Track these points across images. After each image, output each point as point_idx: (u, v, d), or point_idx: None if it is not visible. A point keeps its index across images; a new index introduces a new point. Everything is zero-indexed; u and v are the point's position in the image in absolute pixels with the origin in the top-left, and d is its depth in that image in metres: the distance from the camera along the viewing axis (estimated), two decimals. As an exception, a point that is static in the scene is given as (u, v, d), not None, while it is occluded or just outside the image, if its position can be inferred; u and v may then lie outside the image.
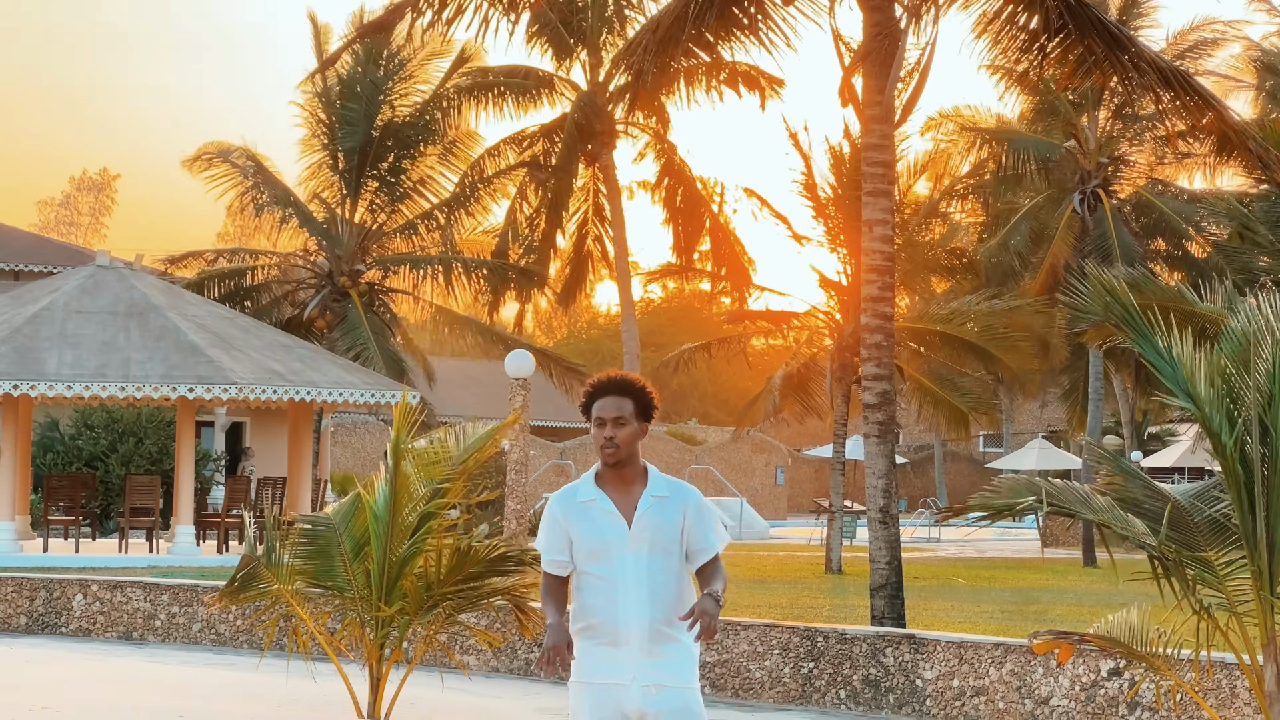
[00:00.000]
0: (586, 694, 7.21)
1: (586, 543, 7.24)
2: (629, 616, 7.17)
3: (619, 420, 7.28)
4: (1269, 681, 10.47)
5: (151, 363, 30.62)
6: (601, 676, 7.18)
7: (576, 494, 7.36)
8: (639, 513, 7.23)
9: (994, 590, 28.92)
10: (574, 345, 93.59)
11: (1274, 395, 10.30)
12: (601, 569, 7.21)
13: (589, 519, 7.26)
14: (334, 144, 41.44)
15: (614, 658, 7.17)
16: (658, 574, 7.21)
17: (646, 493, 7.29)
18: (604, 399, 7.34)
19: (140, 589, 22.05)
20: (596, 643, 7.22)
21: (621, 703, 7.16)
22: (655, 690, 7.15)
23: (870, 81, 20.53)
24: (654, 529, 7.23)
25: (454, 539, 13.96)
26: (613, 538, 7.22)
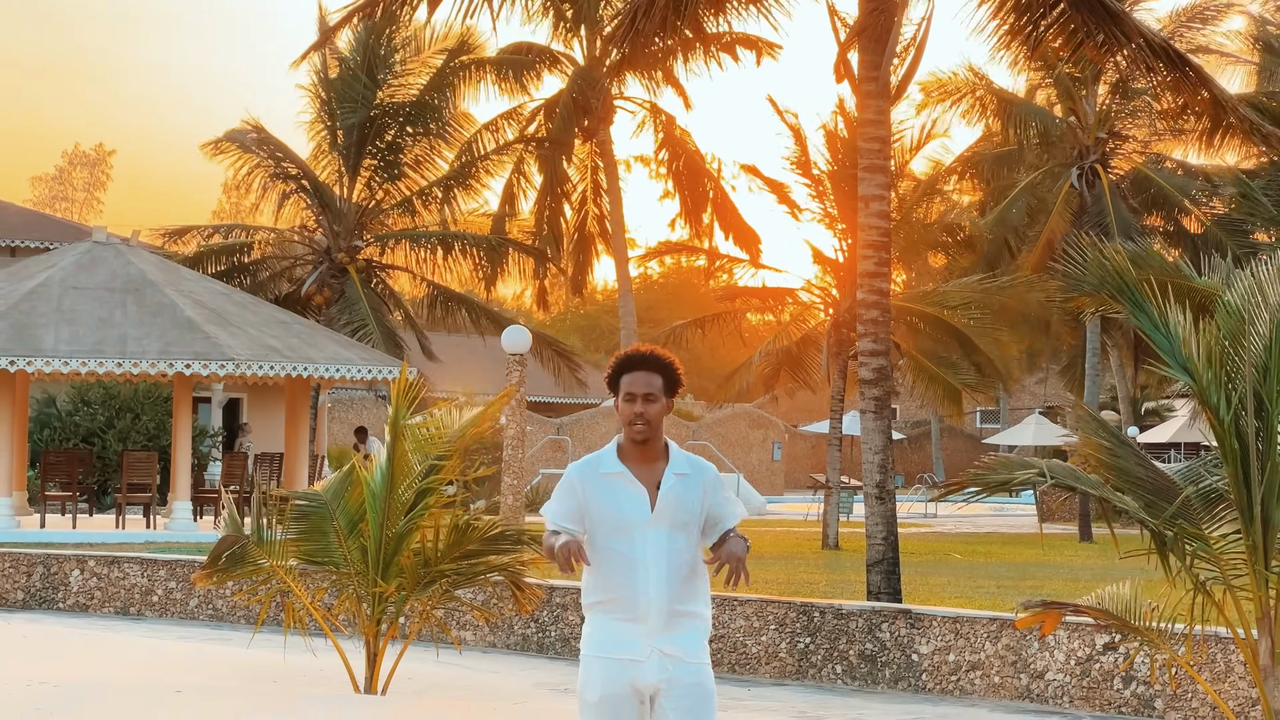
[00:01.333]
0: (599, 668, 7.11)
1: (607, 516, 7.13)
2: (649, 593, 7.06)
3: (649, 397, 7.15)
4: (1263, 656, 10.49)
5: (148, 339, 30.60)
6: (616, 652, 7.09)
7: (599, 466, 7.20)
8: (663, 490, 7.12)
9: (990, 565, 28.95)
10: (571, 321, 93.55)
11: (1269, 369, 10.31)
12: (621, 544, 7.09)
13: (611, 493, 7.13)
14: (333, 121, 41.41)
15: (630, 633, 7.08)
16: (677, 551, 7.11)
17: (669, 470, 7.18)
18: (634, 374, 7.18)
19: (137, 564, 22.08)
20: (613, 618, 7.12)
21: (635, 678, 7.07)
22: (670, 663, 7.07)
23: (866, 57, 20.50)
24: (676, 506, 7.13)
25: (452, 516, 13.98)
26: (635, 514, 7.10)
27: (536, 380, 57.94)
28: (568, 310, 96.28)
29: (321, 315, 40.22)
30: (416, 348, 43.11)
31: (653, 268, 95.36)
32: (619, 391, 7.18)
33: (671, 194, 44.34)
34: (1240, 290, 10.62)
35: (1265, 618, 10.48)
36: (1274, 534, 10.37)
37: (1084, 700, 15.55)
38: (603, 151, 43.45)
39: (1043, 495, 47.96)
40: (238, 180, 42.00)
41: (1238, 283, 10.72)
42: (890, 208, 21.40)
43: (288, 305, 39.03)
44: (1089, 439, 11.02)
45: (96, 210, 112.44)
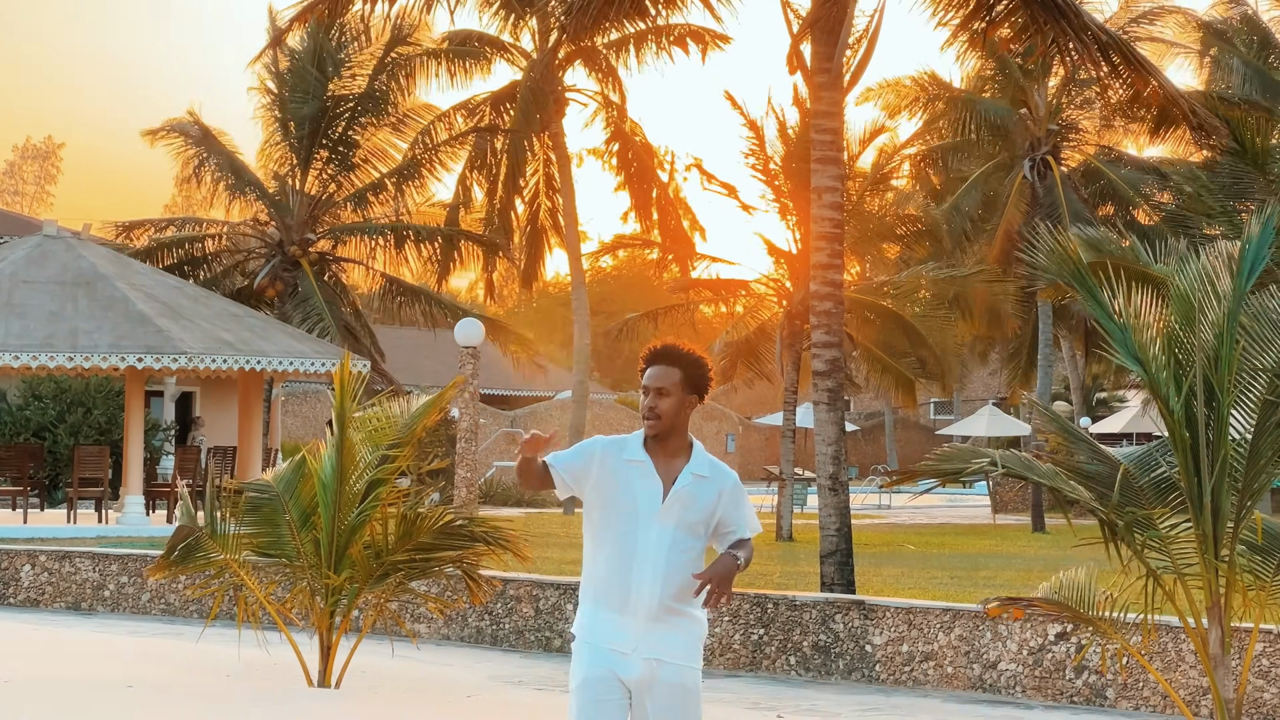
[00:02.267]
0: (585, 652, 7.08)
1: (618, 501, 7.08)
2: (642, 587, 7.01)
3: (662, 391, 7.10)
4: (1213, 644, 10.53)
5: (100, 332, 30.46)
6: (604, 640, 7.06)
7: (625, 450, 7.14)
8: (676, 487, 7.07)
9: (944, 556, 29.03)
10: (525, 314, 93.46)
11: (1220, 357, 10.35)
12: (624, 533, 7.05)
13: (628, 478, 7.07)
14: (285, 114, 41.26)
15: (619, 624, 7.04)
16: (679, 550, 7.05)
17: (687, 469, 7.12)
18: (653, 367, 7.15)
19: (89, 559, 21.97)
20: (604, 606, 7.08)
21: (619, 670, 7.03)
22: (656, 665, 7.03)
23: (818, 48, 20.52)
24: (686, 505, 7.07)
25: (402, 508, 13.96)
26: (645, 504, 7.05)
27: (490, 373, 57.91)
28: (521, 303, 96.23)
29: (274, 309, 40.09)
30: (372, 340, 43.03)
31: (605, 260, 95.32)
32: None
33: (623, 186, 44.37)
34: (1190, 278, 10.66)
35: (1215, 606, 10.52)
36: (1224, 523, 10.42)
37: (1036, 690, 15.60)
38: (555, 144, 43.43)
39: (996, 486, 48.14)
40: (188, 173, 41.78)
41: (1188, 271, 10.76)
42: (843, 199, 21.43)
43: (240, 299, 38.88)
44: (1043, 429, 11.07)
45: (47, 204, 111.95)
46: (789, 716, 14.36)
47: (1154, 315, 10.62)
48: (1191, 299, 10.53)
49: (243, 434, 34.05)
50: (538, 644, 18.66)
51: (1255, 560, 10.72)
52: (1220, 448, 10.38)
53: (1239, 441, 10.52)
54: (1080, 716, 14.90)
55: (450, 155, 43.00)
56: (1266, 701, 14.48)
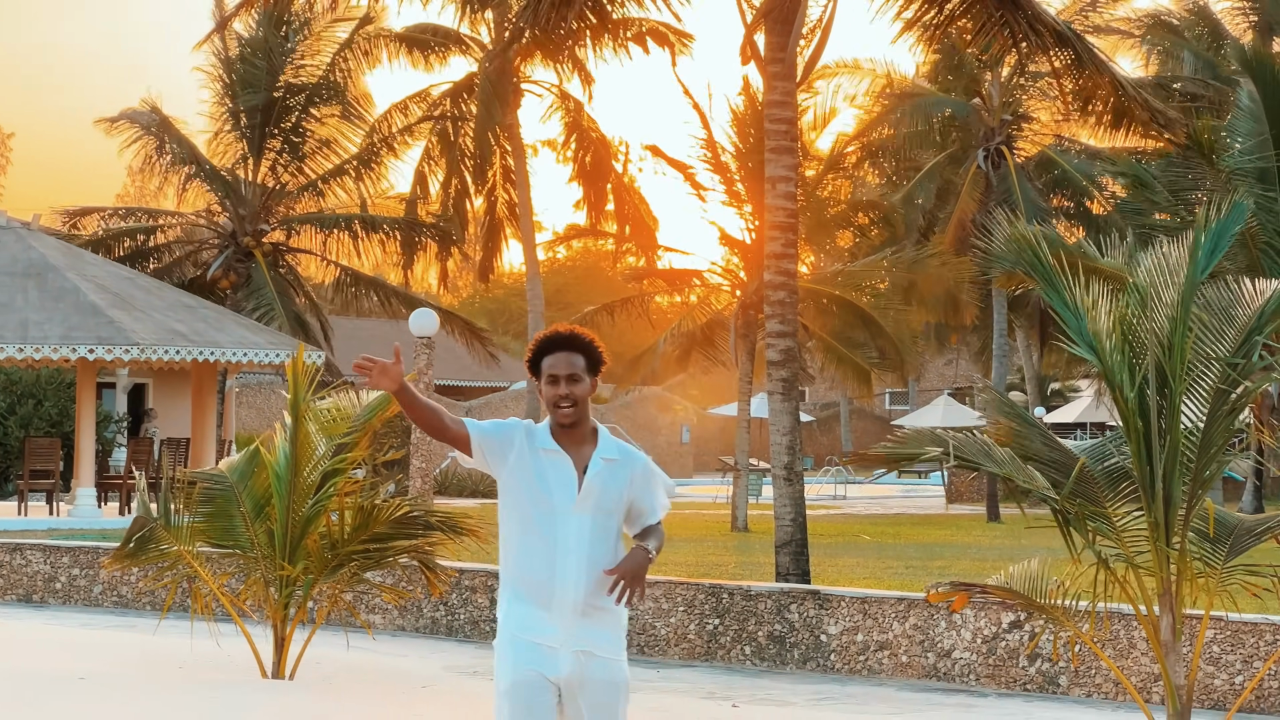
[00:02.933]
0: (511, 648, 6.94)
1: (531, 492, 6.91)
2: (566, 580, 6.87)
3: (573, 377, 6.94)
4: (1164, 631, 10.58)
5: (50, 324, 30.32)
6: (530, 634, 6.91)
7: (536, 439, 6.98)
8: (589, 475, 6.93)
9: (898, 546, 29.10)
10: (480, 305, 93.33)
11: (1173, 346, 10.39)
12: (543, 527, 6.89)
13: (541, 468, 6.92)
14: (235, 104, 41.10)
15: (544, 620, 6.90)
16: (599, 539, 6.91)
17: (597, 454, 6.98)
18: (556, 354, 6.98)
19: (40, 551, 21.87)
20: (528, 602, 6.93)
21: (546, 669, 6.89)
22: (585, 658, 6.90)
23: (772, 39, 20.53)
24: (600, 492, 6.94)
25: (357, 498, 13.93)
26: (562, 496, 6.90)
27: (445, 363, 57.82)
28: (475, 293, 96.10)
29: (228, 300, 39.96)
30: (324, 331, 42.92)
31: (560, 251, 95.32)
32: (541, 375, 7.01)
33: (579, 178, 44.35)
34: (1147, 268, 10.70)
35: (1166, 594, 10.57)
36: (1175, 511, 10.46)
37: (990, 678, 15.65)
38: (511, 135, 43.40)
39: (951, 476, 48.26)
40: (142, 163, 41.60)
41: (1145, 260, 10.80)
42: (797, 189, 21.45)
43: (193, 290, 38.74)
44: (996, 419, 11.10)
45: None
46: (744, 706, 14.37)
47: (1107, 306, 10.65)
48: (1146, 288, 10.56)
49: (196, 426, 33.93)
50: (493, 635, 18.60)
51: (1206, 548, 10.76)
52: (1172, 436, 10.42)
53: (1191, 430, 10.56)
54: (1033, 704, 14.96)
55: (404, 146, 42.93)
56: (1217, 688, 14.55)
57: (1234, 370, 10.52)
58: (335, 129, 42.21)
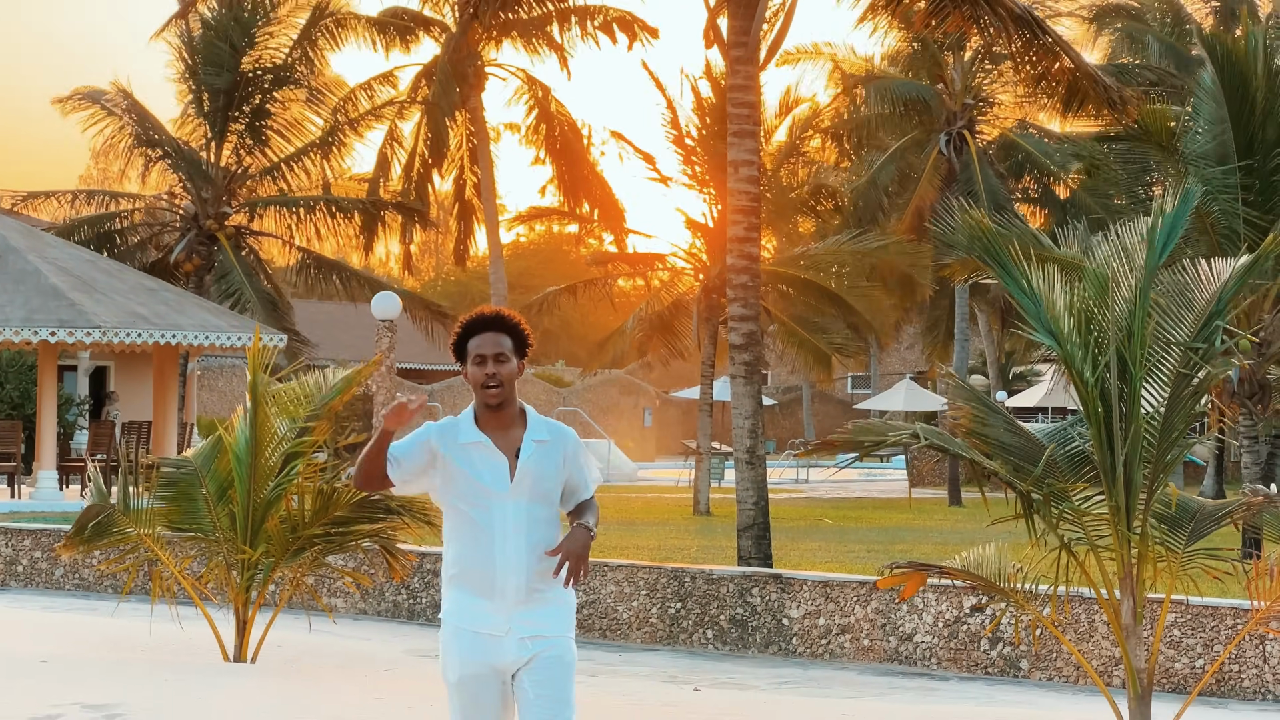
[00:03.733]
0: (456, 640, 6.86)
1: (464, 483, 6.82)
2: (507, 568, 6.78)
3: (500, 357, 6.85)
4: (1125, 615, 10.63)
5: (11, 306, 30.19)
6: (475, 625, 6.82)
7: (458, 434, 6.87)
8: (522, 458, 6.82)
9: (861, 530, 29.16)
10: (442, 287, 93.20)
11: (1133, 331, 10.43)
12: (479, 515, 6.80)
13: (469, 462, 6.82)
14: (199, 86, 40.91)
15: (488, 609, 6.81)
16: (538, 523, 6.83)
17: (528, 437, 6.87)
18: (481, 335, 6.89)
19: (1, 535, 21.81)
20: (469, 592, 6.85)
21: (492, 656, 6.82)
22: (531, 641, 6.81)
23: (735, 23, 20.54)
24: (535, 475, 6.84)
25: (318, 482, 13.91)
26: (494, 484, 6.80)
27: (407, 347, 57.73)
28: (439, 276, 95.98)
29: (190, 283, 39.82)
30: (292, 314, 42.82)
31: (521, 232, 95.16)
32: (467, 357, 6.92)
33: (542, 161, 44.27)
34: (1105, 253, 10.74)
35: (1127, 578, 10.61)
36: (1136, 495, 10.51)
37: (951, 662, 15.70)
38: (474, 118, 43.32)
39: (913, 460, 48.37)
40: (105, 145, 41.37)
41: (1103, 246, 10.84)
42: (760, 173, 21.47)
43: (156, 273, 38.57)
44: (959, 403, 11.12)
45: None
46: (706, 689, 14.40)
47: (1065, 292, 10.68)
48: (1104, 274, 10.60)
49: (158, 409, 33.84)
50: (455, 618, 18.64)
51: (1167, 532, 10.81)
52: (1133, 421, 10.46)
53: (1152, 415, 10.60)
54: (994, 687, 15.02)
55: (369, 127, 42.80)
56: (1178, 671, 14.62)
57: (1195, 355, 10.56)
58: (300, 112, 42.07)
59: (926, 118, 43.96)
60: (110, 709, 11.36)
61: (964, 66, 43.25)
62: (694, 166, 35.50)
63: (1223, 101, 22.88)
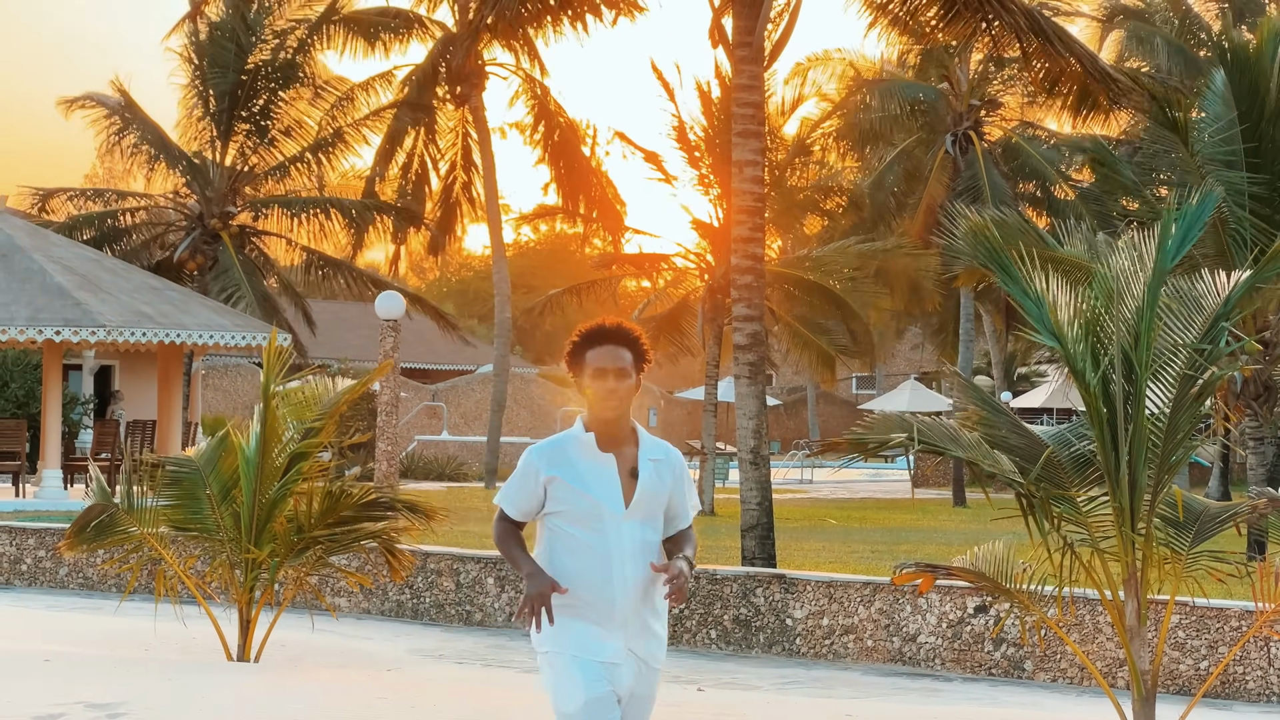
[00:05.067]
0: (580, 672, 6.52)
1: (577, 505, 6.53)
2: (625, 592, 6.51)
3: (622, 372, 6.54)
4: (1130, 616, 10.61)
5: (17, 305, 30.19)
6: (593, 654, 6.52)
7: (568, 449, 6.58)
8: (642, 478, 6.57)
9: (865, 530, 29.14)
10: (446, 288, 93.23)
11: (1140, 334, 10.41)
12: (593, 538, 6.52)
13: (582, 480, 6.53)
14: (205, 86, 40.96)
15: (603, 635, 6.54)
16: (651, 546, 6.59)
17: (643, 455, 6.61)
18: (603, 348, 6.57)
19: (6, 533, 21.81)
20: (584, 620, 6.54)
21: (614, 682, 6.55)
22: (644, 668, 6.62)
23: (740, 22, 20.53)
24: (650, 495, 6.58)
25: (324, 482, 13.93)
26: (611, 504, 6.53)
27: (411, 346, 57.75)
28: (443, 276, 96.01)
29: (195, 282, 39.85)
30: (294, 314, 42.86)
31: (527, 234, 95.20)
32: (582, 368, 6.60)
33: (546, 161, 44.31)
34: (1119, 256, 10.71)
35: (1131, 579, 10.60)
36: (1141, 496, 10.49)
37: (955, 663, 15.69)
38: (475, 118, 43.34)
39: (917, 460, 48.35)
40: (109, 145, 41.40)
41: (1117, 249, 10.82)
42: (764, 172, 21.47)
43: (161, 272, 38.61)
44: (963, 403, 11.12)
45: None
46: (710, 690, 14.39)
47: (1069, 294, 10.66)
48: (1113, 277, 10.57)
49: (162, 408, 33.84)
50: (458, 618, 18.63)
51: (1172, 534, 10.79)
52: (1138, 422, 10.44)
53: (1156, 416, 10.59)
54: (999, 688, 15.00)
55: (369, 127, 42.86)
56: (1182, 673, 14.60)
57: (1200, 356, 10.54)
58: (304, 112, 42.11)
59: (933, 118, 43.97)
60: (114, 708, 11.35)
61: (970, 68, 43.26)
62: (699, 167, 35.50)
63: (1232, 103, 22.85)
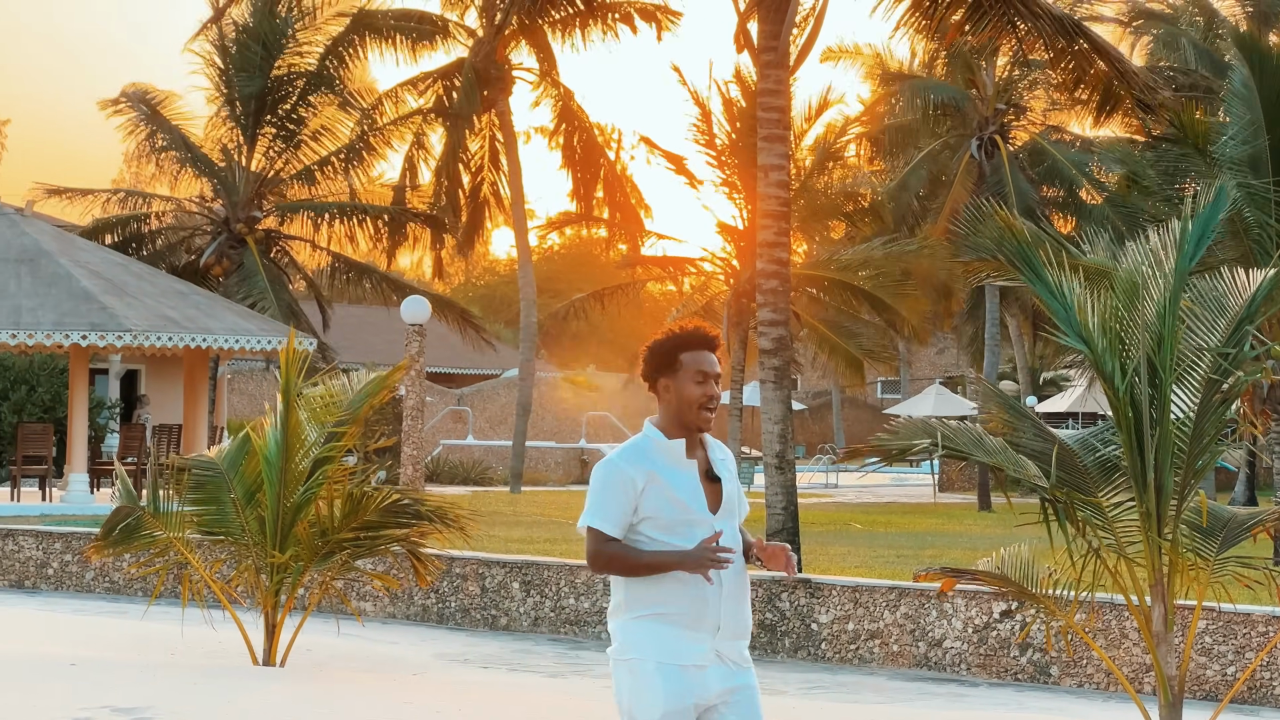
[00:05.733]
0: (663, 681, 6.40)
1: (668, 512, 6.42)
2: (718, 594, 6.45)
3: (719, 377, 6.54)
4: (1156, 622, 10.58)
5: (43, 309, 30.27)
6: (681, 659, 6.42)
7: (652, 455, 6.48)
8: (725, 482, 6.54)
9: (889, 535, 29.09)
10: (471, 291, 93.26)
11: (1163, 337, 10.39)
12: (685, 544, 6.40)
13: (669, 486, 6.43)
14: (231, 90, 41.05)
15: (692, 640, 6.44)
16: (734, 545, 6.51)
17: (714, 457, 6.56)
18: (704, 352, 6.51)
19: (32, 537, 21.86)
20: (675, 625, 6.44)
21: (697, 690, 6.44)
22: (735, 668, 6.52)
23: (765, 27, 20.52)
24: (731, 497, 6.56)
25: (348, 487, 13.93)
26: (699, 509, 6.46)
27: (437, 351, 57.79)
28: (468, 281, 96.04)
29: (220, 286, 39.92)
30: (318, 319, 42.91)
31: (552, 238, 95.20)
32: (675, 371, 6.50)
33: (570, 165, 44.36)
34: (1135, 258, 10.69)
35: (1158, 584, 10.57)
36: (1167, 501, 10.46)
37: (981, 668, 15.66)
38: (502, 122, 43.38)
39: (942, 465, 48.25)
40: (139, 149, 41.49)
41: (1132, 251, 10.79)
42: (790, 176, 21.46)
43: (186, 276, 38.69)
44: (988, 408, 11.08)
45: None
46: (735, 694, 14.35)
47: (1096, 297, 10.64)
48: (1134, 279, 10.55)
49: (188, 412, 33.91)
50: (484, 622, 18.64)
51: (1198, 539, 10.76)
52: (1163, 427, 10.41)
53: (1182, 421, 10.56)
54: (1024, 694, 14.97)
55: (396, 134, 42.92)
56: (1209, 679, 14.56)
57: (1225, 360, 10.52)
58: (331, 117, 42.18)
59: (958, 121, 43.91)
60: (140, 712, 11.38)
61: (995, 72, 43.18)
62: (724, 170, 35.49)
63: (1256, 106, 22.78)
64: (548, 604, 18.27)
